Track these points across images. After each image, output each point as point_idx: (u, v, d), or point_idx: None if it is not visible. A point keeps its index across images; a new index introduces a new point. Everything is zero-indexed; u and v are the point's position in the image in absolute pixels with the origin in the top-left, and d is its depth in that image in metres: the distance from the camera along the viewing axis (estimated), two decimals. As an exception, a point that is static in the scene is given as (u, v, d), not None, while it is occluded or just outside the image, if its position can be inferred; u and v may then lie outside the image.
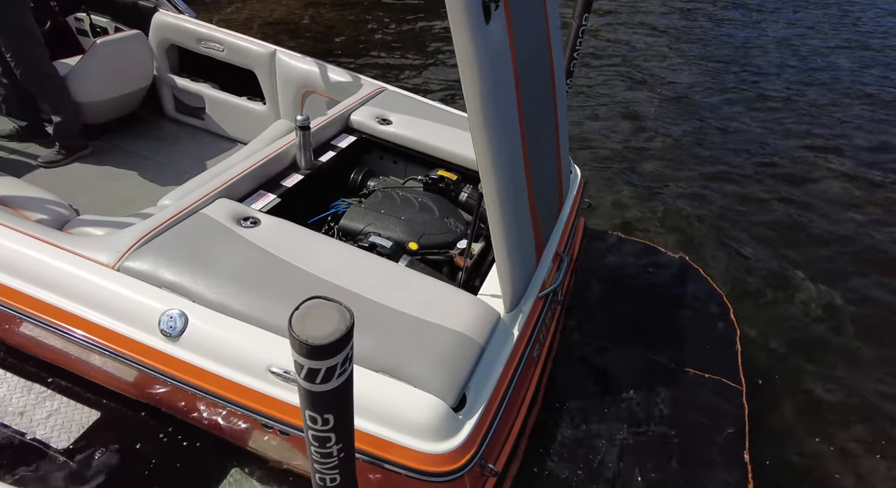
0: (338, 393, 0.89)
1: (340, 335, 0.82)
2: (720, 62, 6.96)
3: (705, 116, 5.59)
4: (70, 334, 1.73)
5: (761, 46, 7.56)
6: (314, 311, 0.84)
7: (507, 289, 1.82)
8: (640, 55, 6.92)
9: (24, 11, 2.84)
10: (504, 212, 1.67)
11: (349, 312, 0.85)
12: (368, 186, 2.70)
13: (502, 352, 1.82)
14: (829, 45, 7.76)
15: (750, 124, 5.51)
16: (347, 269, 1.87)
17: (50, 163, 3.18)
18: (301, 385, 0.88)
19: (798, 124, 5.58)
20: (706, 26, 8.18)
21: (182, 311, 1.66)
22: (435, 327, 1.71)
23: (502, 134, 1.60)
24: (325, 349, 0.82)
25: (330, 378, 0.86)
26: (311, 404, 0.90)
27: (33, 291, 1.78)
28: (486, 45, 1.46)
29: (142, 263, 1.75)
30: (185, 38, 3.47)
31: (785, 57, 7.27)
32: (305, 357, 0.83)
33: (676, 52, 7.13)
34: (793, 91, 6.31)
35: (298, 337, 0.80)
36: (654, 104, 5.70)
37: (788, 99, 6.11)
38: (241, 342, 1.62)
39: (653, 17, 8.31)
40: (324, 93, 3.30)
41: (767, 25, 8.40)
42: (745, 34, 7.96)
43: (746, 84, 6.41)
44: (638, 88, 6.03)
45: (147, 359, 1.65)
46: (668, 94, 5.99)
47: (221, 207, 2.03)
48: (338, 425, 0.94)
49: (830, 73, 6.86)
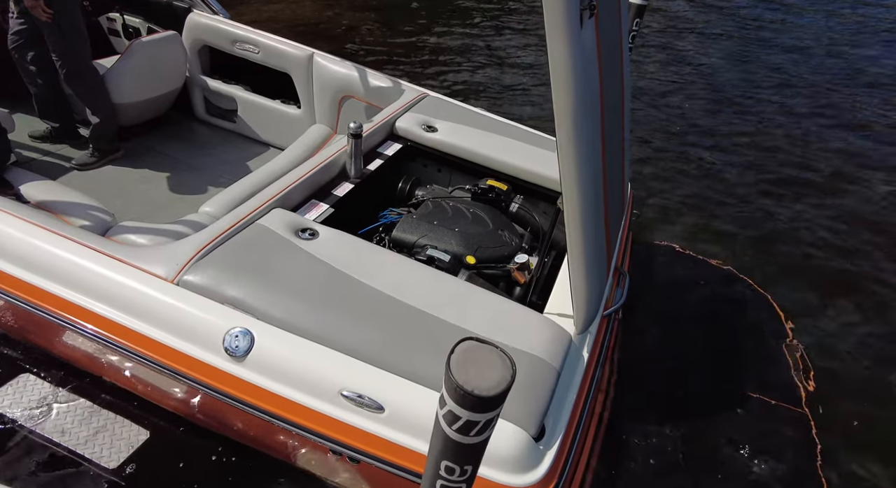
0: (483, 444, 0.81)
1: (506, 385, 0.74)
2: (776, 69, 6.78)
3: (757, 120, 5.45)
4: (126, 350, 1.65)
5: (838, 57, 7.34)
6: (473, 356, 0.75)
7: (580, 309, 1.74)
8: (686, 56, 6.81)
9: (76, 12, 2.78)
10: (586, 231, 1.59)
11: (510, 360, 0.77)
12: (417, 196, 2.62)
13: (575, 376, 1.74)
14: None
15: (811, 134, 5.36)
16: (413, 286, 1.79)
17: (83, 166, 3.10)
18: (448, 434, 0.79)
19: (868, 141, 5.37)
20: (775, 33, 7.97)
21: (247, 329, 1.58)
22: (509, 349, 1.63)
23: (589, 148, 1.52)
24: (491, 401, 0.74)
25: (485, 430, 0.78)
26: (454, 455, 0.82)
27: (85, 302, 1.70)
28: (581, 54, 1.38)
29: (202, 277, 1.67)
30: (220, 39, 3.39)
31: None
32: (467, 409, 0.74)
33: (732, 55, 6.98)
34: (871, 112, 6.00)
35: (463, 387, 0.72)
36: (701, 107, 5.58)
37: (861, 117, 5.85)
38: (310, 363, 1.54)
39: (712, 20, 8.15)
40: (363, 98, 3.23)
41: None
42: (816, 48, 7.68)
43: (806, 88, 6.23)
44: (682, 91, 5.93)
45: (211, 379, 1.57)
46: (711, 95, 5.87)
47: (278, 218, 1.96)
48: (472, 475, 0.85)
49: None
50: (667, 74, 6.44)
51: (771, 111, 5.78)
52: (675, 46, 7.30)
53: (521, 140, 2.79)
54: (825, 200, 4.36)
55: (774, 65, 6.96)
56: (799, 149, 5.12)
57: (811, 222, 4.10)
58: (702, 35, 7.77)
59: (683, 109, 5.65)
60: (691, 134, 5.19)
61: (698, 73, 6.56)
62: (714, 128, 5.32)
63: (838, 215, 4.20)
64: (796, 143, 5.21)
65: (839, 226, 4.07)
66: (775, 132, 5.36)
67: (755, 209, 4.18)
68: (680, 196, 4.22)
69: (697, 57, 7.06)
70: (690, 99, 5.89)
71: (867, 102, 6.17)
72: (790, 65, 7.00)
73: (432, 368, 1.54)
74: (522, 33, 7.21)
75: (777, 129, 5.43)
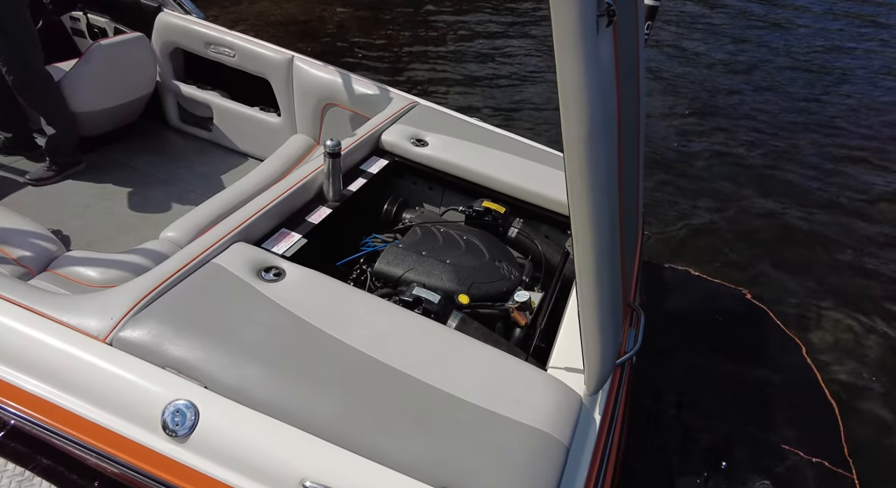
0: None
1: None
2: (790, 78, 6.47)
3: (768, 139, 5.17)
4: (44, 428, 1.37)
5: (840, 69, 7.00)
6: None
7: (593, 368, 1.47)
8: (688, 65, 6.50)
9: (22, 10, 2.49)
10: (601, 280, 1.32)
11: None
12: (404, 219, 2.34)
13: (586, 447, 1.47)
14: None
15: (820, 149, 5.08)
16: (394, 340, 1.51)
17: (39, 181, 2.82)
18: None
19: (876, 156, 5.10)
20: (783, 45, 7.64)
21: (190, 402, 1.31)
22: (509, 423, 1.36)
23: (605, 183, 1.25)
24: None
25: None
26: None
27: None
28: (598, 71, 1.11)
29: (141, 334, 1.39)
30: (193, 41, 3.11)
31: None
32: None
33: (739, 65, 6.67)
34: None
35: None
36: (710, 121, 5.29)
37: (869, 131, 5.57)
38: (266, 445, 1.27)
39: (725, 23, 7.82)
40: (347, 106, 2.95)
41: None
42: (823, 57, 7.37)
43: (821, 103, 5.92)
44: (687, 97, 5.64)
45: (146, 464, 1.30)
46: (723, 112, 5.58)
47: (238, 254, 1.68)
48: None
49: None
50: (669, 78, 6.16)
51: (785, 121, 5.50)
52: (679, 44, 7.02)
53: (521, 155, 2.52)
54: (851, 220, 4.08)
55: (778, 67, 6.69)
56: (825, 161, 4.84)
57: (833, 241, 3.83)
58: (712, 35, 7.48)
59: (688, 116, 5.38)
60: (699, 147, 4.91)
61: (705, 79, 6.29)
62: (727, 142, 5.05)
63: (866, 237, 3.92)
64: (817, 156, 4.93)
65: (867, 248, 3.79)
66: (792, 142, 5.09)
67: (764, 227, 3.91)
68: (690, 214, 3.94)
69: (702, 58, 6.78)
70: (699, 104, 5.62)
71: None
72: (801, 80, 6.71)
73: (416, 451, 1.27)
74: (530, 38, 6.90)
75: (798, 141, 5.14)
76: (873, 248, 3.78)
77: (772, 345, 2.90)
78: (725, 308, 3.11)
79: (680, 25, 7.87)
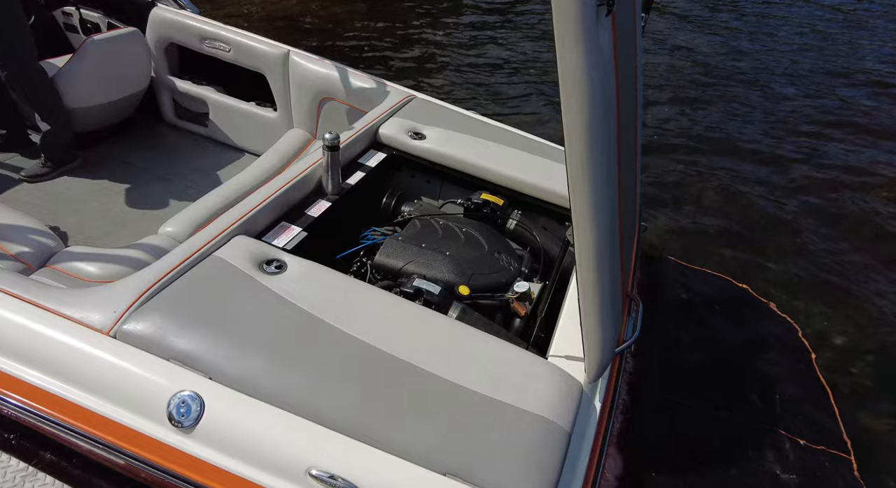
0: None
1: None
2: (787, 70, 6.47)
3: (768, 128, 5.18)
4: (54, 422, 1.37)
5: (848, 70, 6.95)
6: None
7: (594, 357, 1.49)
8: (693, 60, 6.50)
9: (15, 5, 2.47)
10: (601, 271, 1.33)
11: None
12: (403, 212, 2.35)
13: (587, 433, 1.49)
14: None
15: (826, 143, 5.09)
16: (397, 330, 1.53)
17: (34, 178, 2.81)
18: None
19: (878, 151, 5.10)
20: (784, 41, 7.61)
21: (196, 393, 1.32)
22: (512, 410, 1.38)
23: (606, 174, 1.26)
24: None
25: None
26: None
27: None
28: (597, 60, 1.12)
29: (145, 326, 1.40)
30: (187, 36, 3.09)
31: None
32: None
33: (744, 59, 6.65)
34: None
35: None
36: (708, 109, 5.29)
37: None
38: (273, 435, 1.28)
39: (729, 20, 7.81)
40: (344, 100, 2.94)
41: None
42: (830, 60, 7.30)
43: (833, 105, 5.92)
44: (687, 91, 5.65)
45: (152, 455, 1.31)
46: (722, 99, 5.58)
47: (240, 247, 1.68)
48: None
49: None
50: (666, 72, 6.17)
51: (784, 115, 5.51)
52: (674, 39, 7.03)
53: (519, 148, 2.53)
54: (850, 211, 4.10)
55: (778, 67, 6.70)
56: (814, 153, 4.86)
57: (831, 231, 3.85)
58: (706, 32, 7.48)
59: (686, 108, 5.40)
60: (697, 137, 4.93)
61: (702, 68, 6.30)
62: (728, 131, 5.07)
63: (865, 228, 3.94)
64: (815, 150, 4.94)
65: (865, 239, 3.81)
66: (790, 138, 5.10)
67: (775, 219, 3.92)
68: (686, 204, 3.96)
69: (696, 54, 6.79)
70: (700, 100, 5.63)
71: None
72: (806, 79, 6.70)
73: (420, 438, 1.29)
74: (529, 27, 6.88)
75: (796, 137, 5.14)
76: (872, 239, 3.82)
77: (769, 334, 2.93)
78: (722, 298, 3.14)
79: (674, 16, 7.88)
